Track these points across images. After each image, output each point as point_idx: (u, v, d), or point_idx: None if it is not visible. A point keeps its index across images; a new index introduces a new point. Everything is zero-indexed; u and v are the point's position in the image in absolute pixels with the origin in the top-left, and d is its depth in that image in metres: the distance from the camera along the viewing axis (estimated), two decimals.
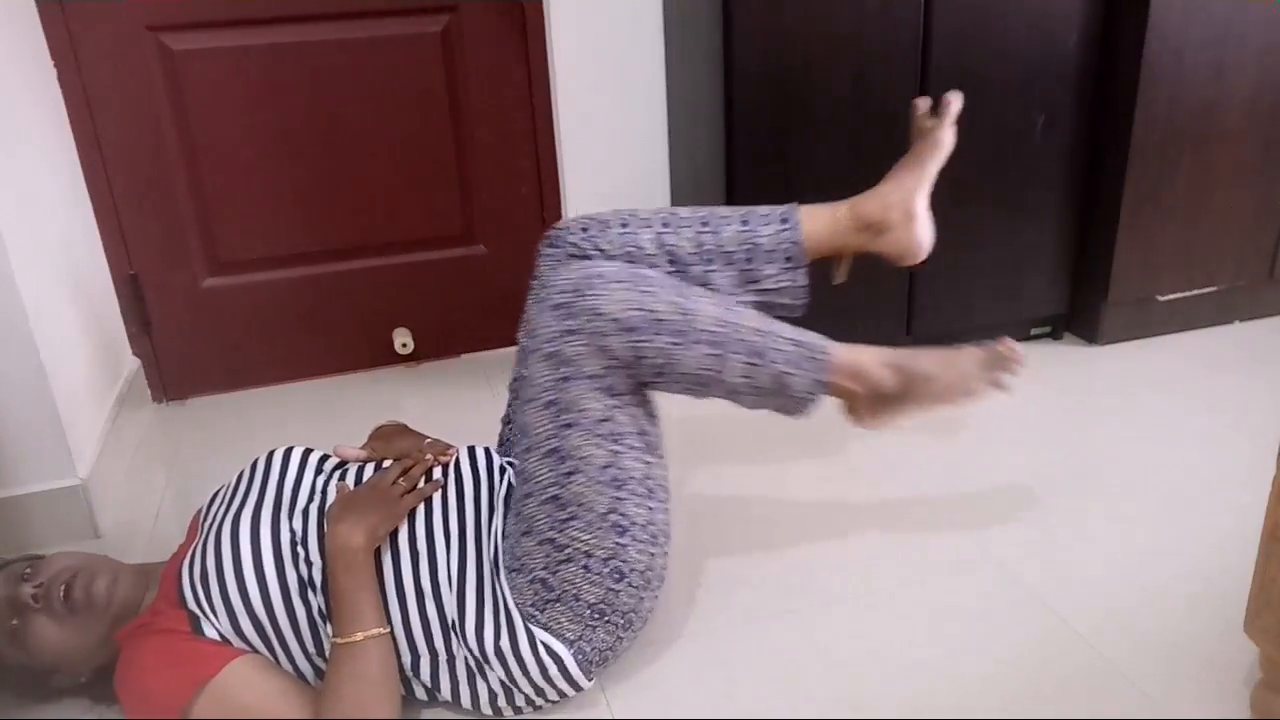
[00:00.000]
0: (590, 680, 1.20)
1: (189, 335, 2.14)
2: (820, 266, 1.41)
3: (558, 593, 1.15)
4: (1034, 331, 2.26)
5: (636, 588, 1.19)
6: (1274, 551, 1.07)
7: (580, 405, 1.14)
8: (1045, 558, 1.47)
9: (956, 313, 2.13)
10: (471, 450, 1.29)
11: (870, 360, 1.28)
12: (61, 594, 1.15)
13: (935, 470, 1.72)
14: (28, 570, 1.18)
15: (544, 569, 1.15)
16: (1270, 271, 2.24)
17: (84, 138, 1.93)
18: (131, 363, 2.09)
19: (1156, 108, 1.98)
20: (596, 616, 1.16)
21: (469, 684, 1.17)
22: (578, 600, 1.15)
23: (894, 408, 1.31)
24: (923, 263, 1.44)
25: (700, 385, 1.21)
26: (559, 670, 1.15)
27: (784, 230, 1.33)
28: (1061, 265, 2.16)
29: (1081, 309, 2.22)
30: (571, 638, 1.16)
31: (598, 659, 1.19)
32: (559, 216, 2.26)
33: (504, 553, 1.19)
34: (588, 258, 1.30)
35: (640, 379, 1.18)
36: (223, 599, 1.11)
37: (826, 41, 1.82)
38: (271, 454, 1.28)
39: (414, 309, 2.25)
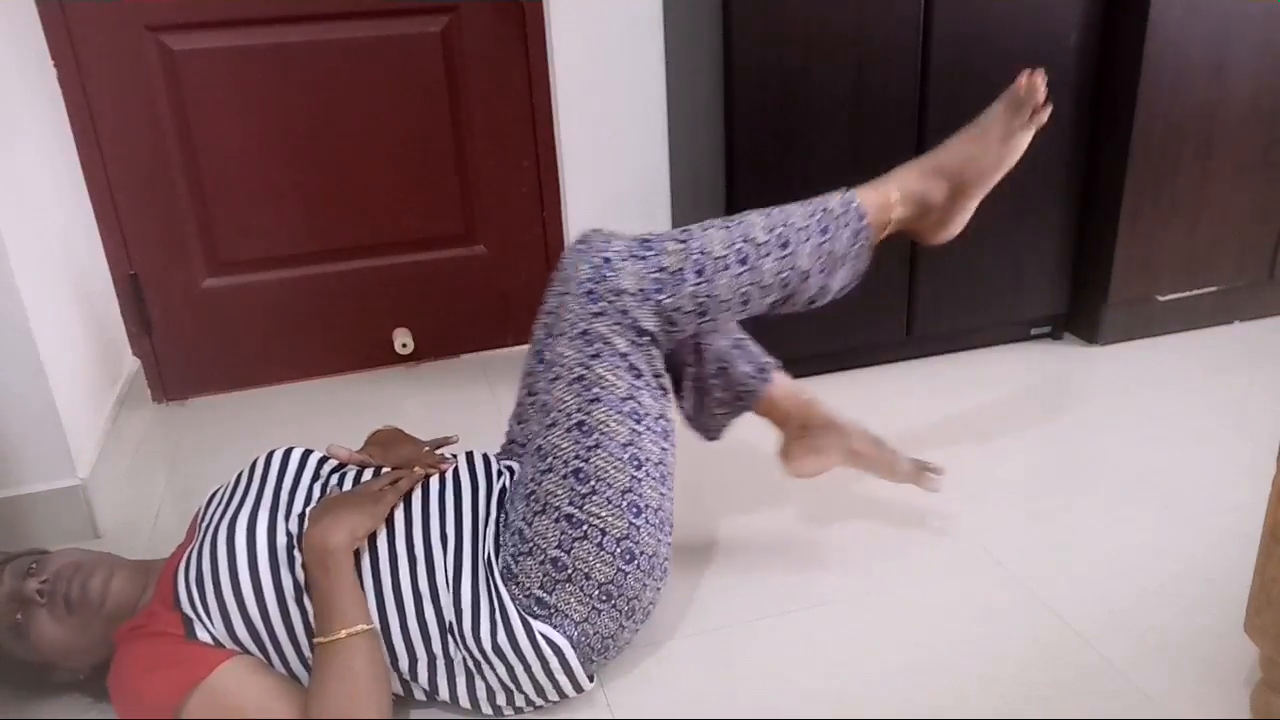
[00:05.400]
0: (591, 681, 1.20)
1: (189, 335, 2.14)
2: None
3: (569, 571, 1.15)
4: (1034, 331, 2.26)
5: (644, 571, 1.19)
6: (1274, 551, 1.07)
7: (606, 381, 1.17)
8: (1045, 558, 1.47)
9: (956, 313, 2.13)
10: (469, 455, 1.29)
11: (903, 181, 1.28)
12: (64, 591, 1.15)
13: None
14: (33, 565, 1.18)
15: (558, 547, 1.15)
16: (1270, 271, 2.24)
17: (84, 138, 1.93)
18: (131, 363, 2.09)
19: (1156, 107, 1.98)
20: (604, 599, 1.16)
21: (468, 685, 1.17)
22: (588, 579, 1.15)
23: (957, 206, 1.31)
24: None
25: (746, 303, 1.22)
26: (560, 664, 1.15)
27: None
28: (1061, 265, 2.16)
29: (1081, 309, 2.22)
30: (578, 619, 1.16)
31: (599, 647, 1.19)
32: (559, 216, 2.26)
33: (507, 543, 1.19)
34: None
35: (684, 330, 1.20)
36: (217, 603, 1.11)
37: (827, 40, 1.82)
38: (271, 454, 1.28)
39: (414, 309, 2.26)
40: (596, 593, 1.16)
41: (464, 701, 1.18)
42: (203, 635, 1.11)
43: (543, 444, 1.19)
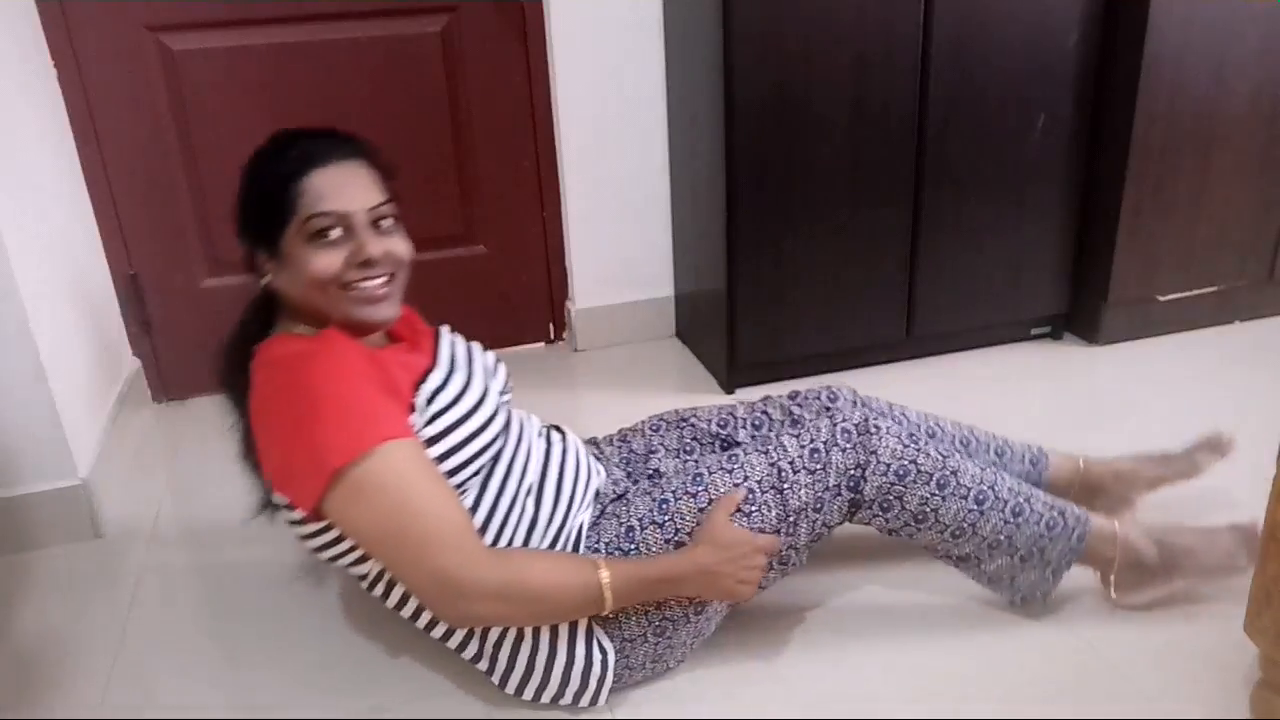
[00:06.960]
0: (603, 702, 1.21)
1: (189, 335, 2.13)
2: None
3: None
4: (1034, 331, 2.26)
5: (692, 636, 1.23)
6: (1274, 551, 1.07)
7: (800, 494, 1.21)
8: None
9: (956, 313, 2.13)
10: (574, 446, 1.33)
11: (1129, 529, 1.32)
12: (379, 276, 1.20)
13: None
14: (385, 223, 1.24)
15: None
16: (1270, 271, 2.24)
17: (84, 138, 1.93)
18: (131, 363, 2.09)
19: (1156, 108, 1.98)
20: (659, 634, 1.20)
21: (511, 650, 1.18)
22: (659, 607, 1.19)
23: (1154, 582, 1.33)
24: None
25: (955, 537, 1.27)
26: (600, 670, 1.18)
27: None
28: (1061, 265, 2.16)
29: (1081, 309, 2.22)
30: (627, 636, 1.18)
31: (618, 674, 1.20)
32: (559, 216, 2.26)
33: (651, 522, 1.22)
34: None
35: (888, 522, 1.26)
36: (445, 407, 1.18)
37: (826, 41, 1.82)
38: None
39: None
40: (659, 623, 1.19)
41: (496, 665, 1.19)
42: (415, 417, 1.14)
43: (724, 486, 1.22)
